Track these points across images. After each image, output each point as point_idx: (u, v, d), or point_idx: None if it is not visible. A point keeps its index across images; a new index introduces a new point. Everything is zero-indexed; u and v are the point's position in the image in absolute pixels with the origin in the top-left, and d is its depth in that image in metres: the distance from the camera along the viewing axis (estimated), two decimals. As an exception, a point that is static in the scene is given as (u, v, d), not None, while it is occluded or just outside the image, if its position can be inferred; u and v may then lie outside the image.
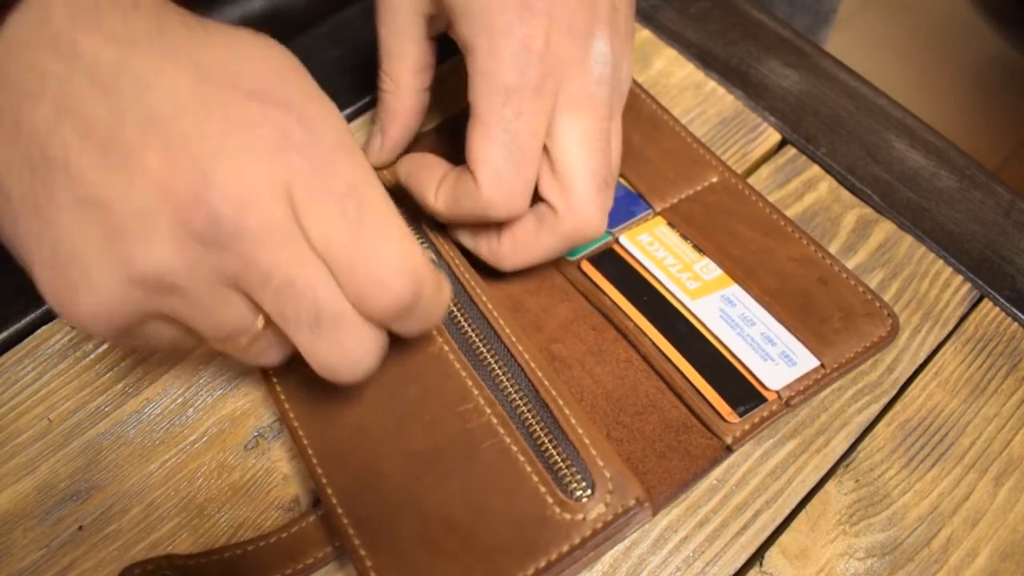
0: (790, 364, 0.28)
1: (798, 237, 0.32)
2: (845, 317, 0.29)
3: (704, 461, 0.27)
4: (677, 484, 0.27)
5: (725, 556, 0.27)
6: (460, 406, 0.26)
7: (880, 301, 0.30)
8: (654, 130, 0.35)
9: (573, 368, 0.29)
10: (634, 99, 0.36)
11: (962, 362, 0.31)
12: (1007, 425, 0.30)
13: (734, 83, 0.39)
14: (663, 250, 0.31)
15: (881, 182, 0.36)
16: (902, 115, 0.38)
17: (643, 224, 0.32)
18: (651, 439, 0.27)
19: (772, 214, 0.32)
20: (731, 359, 0.29)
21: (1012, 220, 0.35)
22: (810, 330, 0.29)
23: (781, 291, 0.30)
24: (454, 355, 0.27)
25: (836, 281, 0.30)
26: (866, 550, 0.27)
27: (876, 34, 1.36)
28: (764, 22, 0.41)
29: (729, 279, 0.31)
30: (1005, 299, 0.33)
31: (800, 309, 0.30)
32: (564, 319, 0.30)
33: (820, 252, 0.31)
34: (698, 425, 0.28)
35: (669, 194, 0.33)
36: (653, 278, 0.31)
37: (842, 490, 0.28)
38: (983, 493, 0.28)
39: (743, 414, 0.27)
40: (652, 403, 0.28)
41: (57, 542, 0.26)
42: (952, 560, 0.27)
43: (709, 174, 0.34)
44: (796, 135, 0.37)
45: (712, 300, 0.30)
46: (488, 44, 0.26)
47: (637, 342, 0.29)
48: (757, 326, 0.29)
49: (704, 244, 0.32)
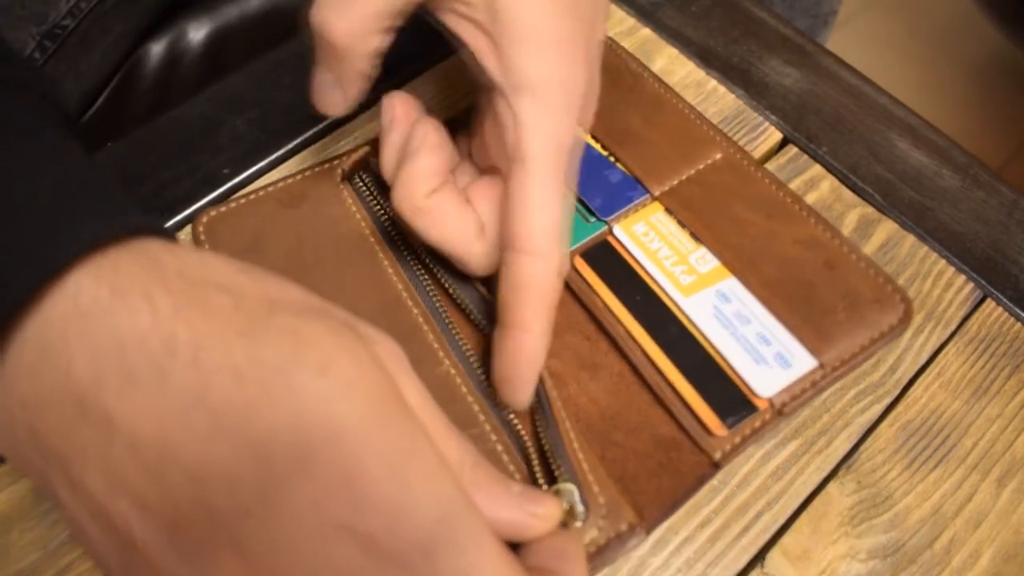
0: (785, 367, 0.27)
1: (805, 216, 0.30)
2: (850, 306, 0.28)
3: (692, 479, 0.26)
4: (668, 503, 0.26)
5: (726, 557, 0.27)
6: (466, 431, 0.26)
7: (893, 284, 0.28)
8: (656, 112, 0.34)
9: (569, 385, 0.28)
10: (636, 80, 0.36)
11: (965, 362, 0.31)
12: (1010, 426, 0.30)
13: (735, 82, 0.39)
14: (658, 240, 0.30)
15: (883, 181, 0.36)
16: (904, 114, 0.38)
17: (640, 211, 0.32)
18: (643, 457, 0.27)
19: (779, 191, 0.31)
20: (722, 364, 0.28)
21: (1015, 220, 0.35)
22: (811, 325, 0.28)
23: (782, 282, 0.29)
24: (461, 379, 0.27)
25: (844, 264, 0.29)
26: (868, 552, 0.27)
27: (878, 33, 1.35)
28: (765, 20, 0.41)
29: (726, 271, 0.30)
30: (1008, 299, 0.32)
31: (801, 302, 0.28)
32: (558, 327, 0.29)
33: (829, 232, 0.30)
34: (687, 442, 0.27)
35: (668, 176, 0.32)
36: (647, 274, 0.30)
37: (844, 491, 0.28)
38: (986, 494, 0.28)
39: (731, 425, 0.27)
40: (644, 419, 0.28)
41: (55, 543, 0.26)
42: (955, 562, 0.27)
43: (712, 151, 0.33)
44: (797, 134, 0.37)
45: (706, 296, 0.29)
46: (553, 98, 0.25)
47: (629, 351, 0.29)
48: (752, 324, 0.28)
49: (702, 232, 0.30)
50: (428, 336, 0.28)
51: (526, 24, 0.25)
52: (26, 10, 0.40)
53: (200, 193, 0.35)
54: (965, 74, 1.31)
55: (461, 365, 0.28)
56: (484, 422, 0.26)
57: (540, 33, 0.25)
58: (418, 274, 0.30)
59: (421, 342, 0.28)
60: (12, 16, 0.40)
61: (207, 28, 0.49)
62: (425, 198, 0.27)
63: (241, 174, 0.35)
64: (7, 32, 0.40)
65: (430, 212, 0.27)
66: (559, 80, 0.25)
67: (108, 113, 0.47)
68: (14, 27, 0.40)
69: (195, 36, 0.49)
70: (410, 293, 0.29)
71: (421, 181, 0.27)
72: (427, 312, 0.29)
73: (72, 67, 0.43)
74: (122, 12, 0.44)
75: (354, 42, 0.26)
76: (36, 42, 0.40)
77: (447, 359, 0.28)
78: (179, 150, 0.36)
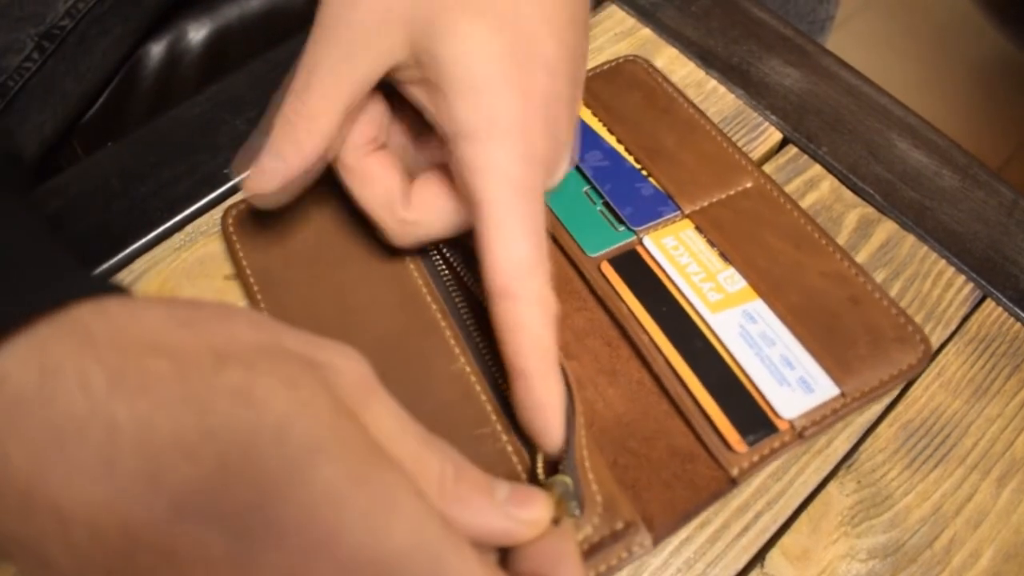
0: (807, 391, 0.27)
1: (832, 251, 0.31)
2: (872, 342, 0.28)
3: (707, 493, 0.26)
4: (680, 515, 0.26)
5: (726, 557, 0.27)
6: (477, 429, 0.26)
7: (913, 325, 0.29)
8: (689, 133, 0.35)
9: (586, 388, 0.28)
10: (670, 102, 0.36)
11: (964, 362, 0.31)
12: (1010, 426, 0.30)
13: (735, 82, 0.39)
14: (687, 256, 0.30)
15: (883, 181, 0.36)
16: (904, 114, 0.38)
17: (669, 226, 0.32)
18: (657, 466, 0.27)
19: (807, 225, 0.31)
20: (746, 382, 0.28)
21: (1015, 220, 0.35)
22: (833, 355, 0.28)
23: (807, 310, 0.29)
24: (476, 378, 0.27)
25: (868, 301, 0.29)
26: (868, 551, 0.27)
27: (877, 33, 1.35)
28: (765, 20, 0.41)
29: (753, 293, 0.30)
30: (1008, 299, 0.32)
31: (825, 331, 0.28)
32: (580, 331, 0.29)
33: (854, 268, 0.30)
34: (704, 455, 0.27)
35: (700, 197, 0.32)
36: (674, 286, 0.30)
37: (844, 491, 0.28)
38: (986, 494, 0.28)
39: (752, 443, 0.26)
40: (661, 428, 0.27)
41: (55, 544, 0.26)
42: (955, 561, 0.27)
43: (743, 179, 0.33)
44: (797, 134, 0.37)
45: (733, 315, 0.29)
46: (504, 141, 0.25)
47: (651, 359, 0.28)
48: (777, 347, 0.28)
49: (731, 253, 0.30)
50: (445, 332, 0.29)
51: (468, 72, 0.25)
52: (24, 11, 0.40)
53: (200, 193, 0.35)
54: (965, 74, 1.31)
55: (476, 363, 0.28)
56: (496, 421, 0.26)
57: (481, 80, 0.25)
58: (439, 269, 0.30)
59: (438, 338, 0.28)
60: (10, 17, 0.40)
61: (207, 28, 0.49)
62: (356, 158, 0.28)
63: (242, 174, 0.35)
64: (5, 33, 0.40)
65: (357, 172, 0.28)
66: (507, 122, 0.25)
67: (108, 113, 0.47)
68: (12, 28, 0.40)
69: (195, 36, 0.49)
70: (429, 288, 0.30)
71: (355, 143, 0.28)
72: (445, 308, 0.29)
73: (71, 68, 0.43)
74: (121, 13, 0.44)
75: (321, 118, 0.26)
76: (34, 43, 0.41)
77: (463, 356, 0.28)
78: (179, 150, 0.36)
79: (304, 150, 0.26)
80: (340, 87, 0.26)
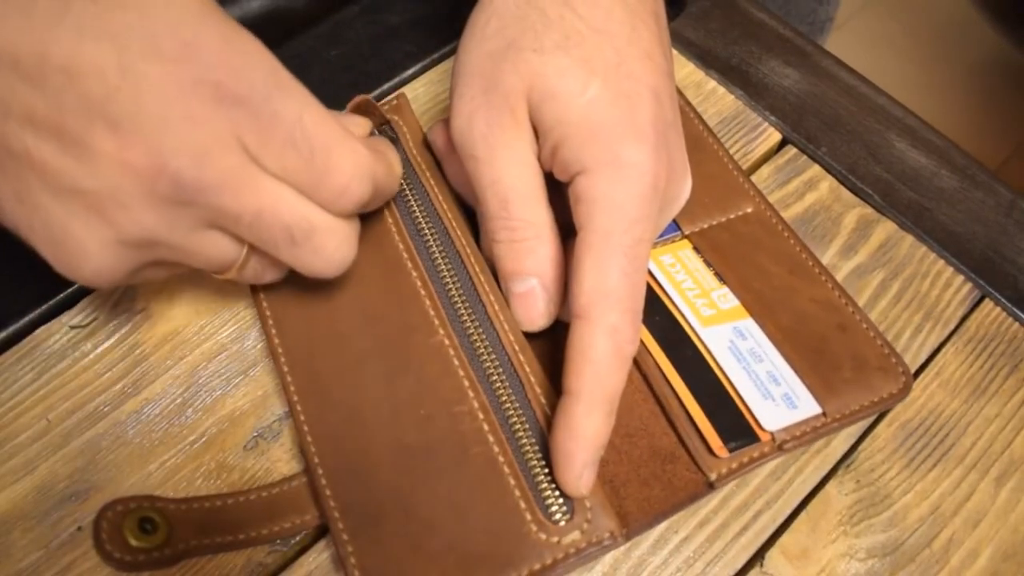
0: (791, 407, 0.27)
1: (824, 280, 0.31)
2: (857, 368, 0.29)
3: (684, 495, 0.26)
4: (654, 514, 0.26)
5: (726, 557, 0.27)
6: (455, 407, 0.26)
7: (896, 357, 0.29)
8: (696, 151, 0.34)
9: None
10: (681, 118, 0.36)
11: (963, 362, 0.31)
12: (1008, 425, 0.30)
13: (734, 82, 0.39)
14: (683, 273, 0.31)
15: (882, 182, 0.36)
16: (903, 114, 0.38)
17: (668, 245, 0.32)
18: (637, 464, 0.27)
19: (802, 253, 0.32)
20: (732, 392, 0.28)
21: (1013, 220, 0.35)
22: (818, 376, 0.28)
23: (796, 331, 0.29)
24: (455, 352, 0.27)
25: (855, 330, 0.30)
26: (867, 551, 0.27)
27: (876, 33, 1.35)
28: (765, 21, 0.41)
29: (745, 312, 0.30)
30: (1006, 299, 0.33)
31: (812, 353, 0.29)
32: None
33: (844, 299, 0.30)
34: (685, 457, 0.27)
35: (700, 218, 0.33)
36: (668, 299, 0.30)
37: (843, 491, 0.28)
38: (984, 494, 0.28)
39: (733, 450, 0.27)
40: (644, 427, 0.28)
41: (56, 543, 0.26)
42: (953, 561, 0.27)
43: (744, 204, 0.33)
44: (797, 135, 0.37)
45: (723, 330, 0.29)
46: (615, 173, 0.25)
47: (640, 359, 0.29)
48: (764, 363, 0.28)
49: (726, 273, 0.31)
50: (425, 303, 0.28)
51: (585, 118, 0.26)
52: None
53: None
54: (964, 74, 1.31)
55: (456, 337, 0.28)
56: (473, 399, 0.26)
57: (597, 123, 0.26)
58: (422, 234, 0.30)
59: (418, 309, 0.28)
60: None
61: (207, 28, 0.49)
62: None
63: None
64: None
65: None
66: (625, 157, 0.25)
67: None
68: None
69: (195, 36, 0.49)
70: (411, 255, 0.30)
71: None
72: (426, 276, 0.29)
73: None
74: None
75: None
76: None
77: (442, 328, 0.28)
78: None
79: (557, 262, 0.28)
80: (531, 184, 0.27)
